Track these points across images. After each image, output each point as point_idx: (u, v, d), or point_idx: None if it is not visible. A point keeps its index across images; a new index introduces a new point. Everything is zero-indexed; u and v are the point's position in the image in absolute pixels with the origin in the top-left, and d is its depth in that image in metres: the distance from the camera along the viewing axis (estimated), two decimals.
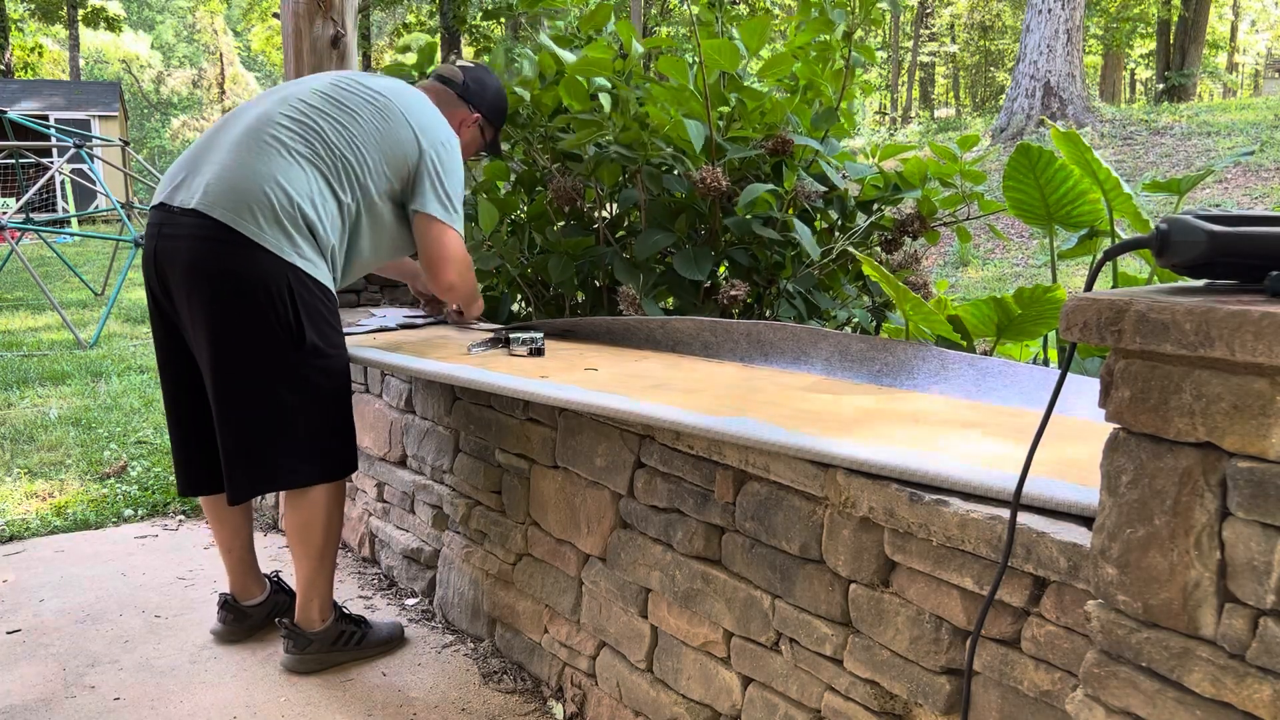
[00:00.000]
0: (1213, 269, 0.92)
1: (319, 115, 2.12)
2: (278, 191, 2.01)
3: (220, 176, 2.03)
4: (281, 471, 2.11)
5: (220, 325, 2.02)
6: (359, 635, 2.31)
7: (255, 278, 2.00)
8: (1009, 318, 2.26)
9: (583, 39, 3.02)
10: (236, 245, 1.99)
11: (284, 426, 2.08)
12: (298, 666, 2.25)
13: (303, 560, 2.22)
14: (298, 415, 2.09)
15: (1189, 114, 13.56)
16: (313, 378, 2.09)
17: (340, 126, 2.12)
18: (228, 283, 2.00)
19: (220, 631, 2.41)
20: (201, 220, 2.00)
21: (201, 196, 2.01)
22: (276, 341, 2.04)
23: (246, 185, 2.01)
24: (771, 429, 1.46)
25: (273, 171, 2.03)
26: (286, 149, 2.06)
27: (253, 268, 1.99)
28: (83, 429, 4.46)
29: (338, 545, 2.27)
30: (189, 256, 2.01)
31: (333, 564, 2.26)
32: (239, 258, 1.99)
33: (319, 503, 2.17)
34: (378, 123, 2.15)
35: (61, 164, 9.23)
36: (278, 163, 2.04)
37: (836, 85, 2.84)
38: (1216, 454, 0.86)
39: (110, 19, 25.52)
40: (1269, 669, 0.84)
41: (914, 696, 1.31)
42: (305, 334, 2.06)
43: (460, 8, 19.36)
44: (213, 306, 2.01)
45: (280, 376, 2.06)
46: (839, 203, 2.88)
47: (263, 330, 2.02)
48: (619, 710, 1.92)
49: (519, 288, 3.05)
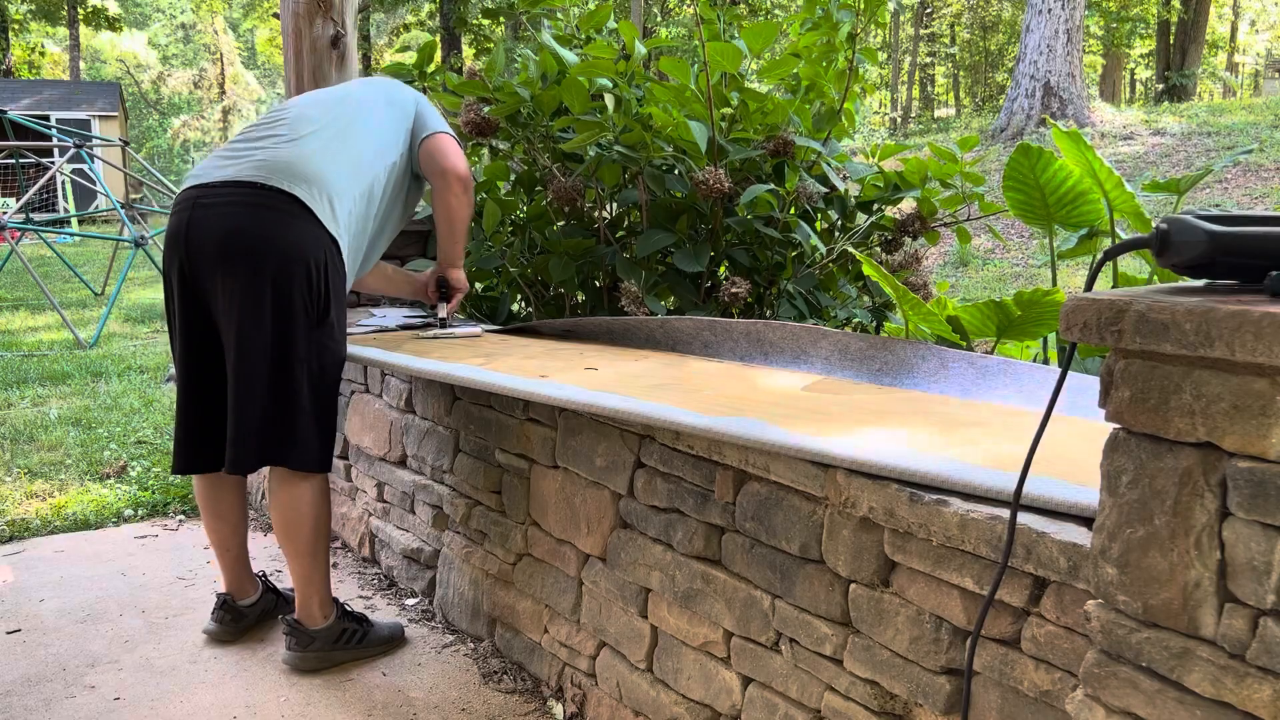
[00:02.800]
0: (1213, 269, 0.92)
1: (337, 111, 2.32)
2: (321, 170, 2.16)
3: (268, 156, 2.15)
4: (288, 451, 2.15)
5: (261, 291, 2.07)
6: (361, 634, 2.32)
7: (301, 245, 2.09)
8: (1009, 319, 2.26)
9: (582, 38, 3.02)
10: (284, 212, 2.09)
11: (295, 402, 2.13)
12: (300, 664, 2.25)
13: (294, 559, 2.23)
14: (304, 394, 2.14)
15: (1189, 114, 13.56)
16: (322, 359, 2.16)
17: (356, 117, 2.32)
18: (276, 248, 2.06)
19: (215, 631, 2.41)
20: (247, 188, 2.10)
21: (253, 170, 2.12)
22: (305, 314, 2.11)
23: (298, 163, 2.15)
24: (771, 429, 1.46)
25: (322, 157, 2.18)
26: (329, 143, 2.23)
27: (299, 235, 2.09)
28: (83, 429, 4.46)
29: (328, 541, 2.28)
30: (231, 223, 2.08)
31: (326, 560, 2.27)
32: (284, 224, 2.08)
33: (303, 498, 2.19)
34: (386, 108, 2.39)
35: (61, 164, 9.23)
36: (324, 153, 2.20)
37: (839, 86, 2.84)
38: (1216, 454, 0.86)
39: (110, 19, 25.52)
40: (1269, 669, 0.84)
41: (914, 696, 1.31)
42: (330, 310, 2.14)
43: (460, 8, 19.35)
44: (252, 275, 2.06)
45: (301, 352, 2.12)
46: (839, 203, 2.88)
47: (296, 301, 2.09)
48: (619, 710, 1.92)
49: (519, 288, 3.05)
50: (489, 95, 2.85)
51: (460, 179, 2.38)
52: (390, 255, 3.11)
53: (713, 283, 2.85)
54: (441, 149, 2.38)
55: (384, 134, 2.34)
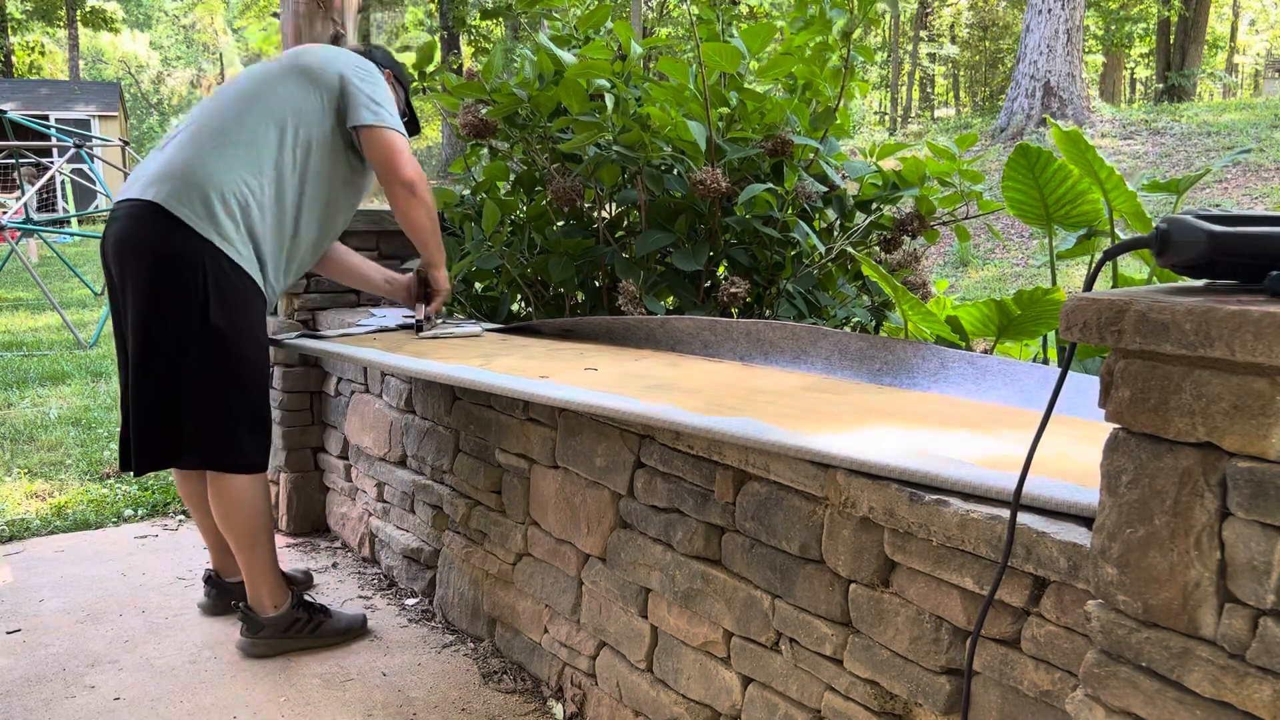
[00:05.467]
0: (1213, 269, 0.92)
1: (236, 101, 2.29)
2: (204, 175, 2.18)
3: (159, 168, 2.22)
4: (179, 450, 2.22)
5: (140, 298, 2.16)
6: (315, 624, 2.37)
7: (171, 252, 2.14)
8: (1008, 319, 2.26)
9: (581, 39, 3.02)
10: (159, 221, 2.15)
11: (181, 404, 2.19)
12: (250, 650, 2.33)
13: (235, 550, 2.31)
14: (194, 397, 2.19)
15: (1189, 114, 13.56)
16: (215, 362, 2.19)
17: (256, 101, 2.27)
18: (147, 257, 2.15)
19: (204, 604, 2.57)
20: (135, 202, 2.18)
21: (140, 187, 2.20)
22: (184, 318, 2.16)
23: (176, 171, 2.19)
24: (771, 429, 1.46)
25: (200, 158, 2.19)
26: (212, 138, 2.23)
27: (171, 242, 2.14)
28: (83, 429, 4.46)
29: (268, 533, 2.33)
30: (119, 233, 2.19)
31: (268, 551, 2.32)
32: (159, 234, 2.15)
33: (231, 491, 2.25)
34: (296, 79, 2.31)
35: (61, 164, 9.23)
36: (204, 152, 2.21)
37: (835, 85, 2.84)
38: (1216, 454, 0.86)
39: (109, 19, 25.51)
40: (1269, 669, 0.84)
41: (914, 696, 1.31)
42: (210, 314, 2.17)
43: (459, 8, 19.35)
44: (135, 280, 2.16)
45: (183, 354, 2.17)
46: (838, 202, 2.88)
47: (173, 305, 2.15)
48: (619, 710, 1.92)
49: (519, 288, 3.05)
50: (486, 97, 2.84)
51: (403, 185, 2.30)
52: (390, 255, 3.12)
53: (712, 282, 2.85)
54: (379, 153, 2.28)
55: (292, 113, 2.26)
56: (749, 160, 2.75)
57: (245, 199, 2.20)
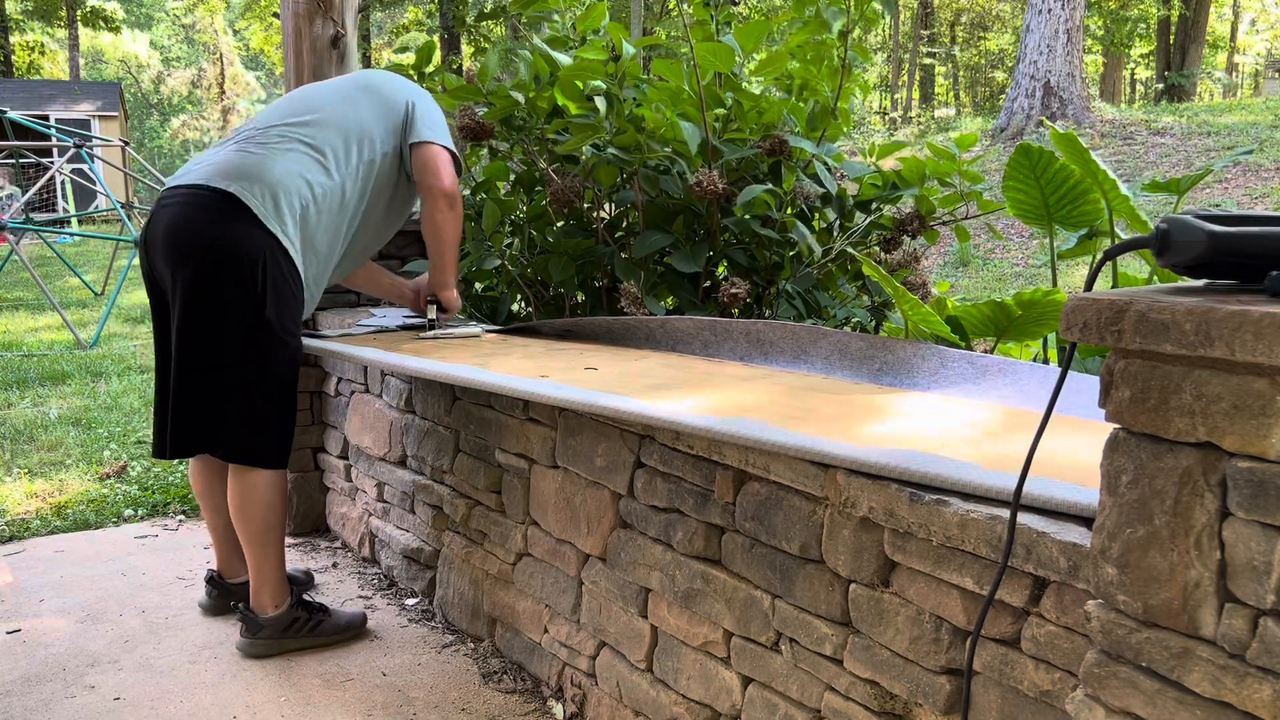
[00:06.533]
0: (1213, 269, 0.92)
1: (307, 110, 2.34)
2: (274, 173, 2.19)
3: (225, 161, 2.22)
4: (217, 438, 2.23)
5: (195, 284, 2.15)
6: (314, 623, 2.37)
7: (236, 241, 2.14)
8: (1009, 319, 2.26)
9: (577, 40, 3.02)
10: (226, 210, 2.14)
11: (226, 394, 2.20)
12: (250, 650, 2.32)
13: (245, 546, 2.31)
14: (238, 388, 2.20)
15: (1189, 114, 13.56)
16: (262, 356, 2.20)
17: (328, 113, 2.33)
18: (209, 243, 2.14)
19: (205, 604, 2.56)
20: (195, 190, 2.17)
21: (205, 172, 2.20)
22: (241, 309, 2.16)
23: (246, 166, 2.19)
24: (771, 429, 1.46)
25: (271, 157, 2.22)
26: (281, 140, 2.26)
27: (236, 232, 2.14)
28: (83, 429, 4.46)
29: (281, 531, 2.33)
30: (174, 219, 2.17)
31: (278, 550, 2.32)
32: (225, 222, 2.14)
33: (255, 487, 2.26)
34: (367, 99, 2.38)
35: (61, 164, 9.23)
36: (274, 153, 2.23)
37: (833, 84, 2.84)
38: (1216, 454, 0.86)
39: (108, 19, 25.51)
40: (1269, 669, 0.83)
41: (914, 696, 1.31)
42: (265, 308, 2.17)
43: (459, 8, 19.35)
44: (194, 266, 2.14)
45: (234, 345, 2.17)
46: (837, 202, 2.87)
47: (232, 294, 2.15)
48: (619, 710, 1.92)
49: (519, 288, 3.05)
50: (483, 99, 2.84)
51: (445, 195, 2.35)
52: (391, 255, 3.12)
53: (712, 283, 2.85)
54: (429, 163, 2.35)
55: (361, 129, 2.33)
56: (747, 160, 2.75)
57: (307, 202, 2.23)
